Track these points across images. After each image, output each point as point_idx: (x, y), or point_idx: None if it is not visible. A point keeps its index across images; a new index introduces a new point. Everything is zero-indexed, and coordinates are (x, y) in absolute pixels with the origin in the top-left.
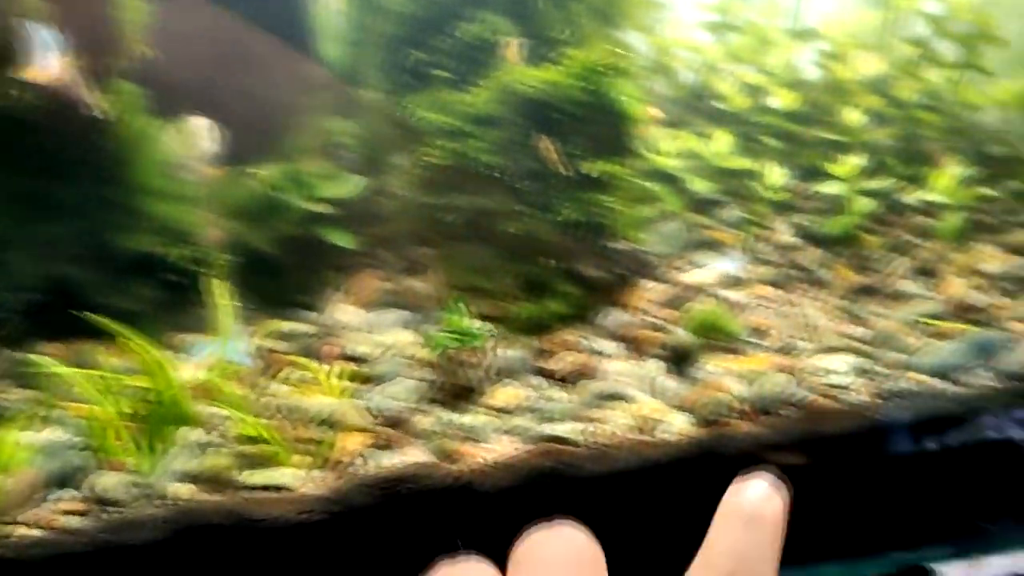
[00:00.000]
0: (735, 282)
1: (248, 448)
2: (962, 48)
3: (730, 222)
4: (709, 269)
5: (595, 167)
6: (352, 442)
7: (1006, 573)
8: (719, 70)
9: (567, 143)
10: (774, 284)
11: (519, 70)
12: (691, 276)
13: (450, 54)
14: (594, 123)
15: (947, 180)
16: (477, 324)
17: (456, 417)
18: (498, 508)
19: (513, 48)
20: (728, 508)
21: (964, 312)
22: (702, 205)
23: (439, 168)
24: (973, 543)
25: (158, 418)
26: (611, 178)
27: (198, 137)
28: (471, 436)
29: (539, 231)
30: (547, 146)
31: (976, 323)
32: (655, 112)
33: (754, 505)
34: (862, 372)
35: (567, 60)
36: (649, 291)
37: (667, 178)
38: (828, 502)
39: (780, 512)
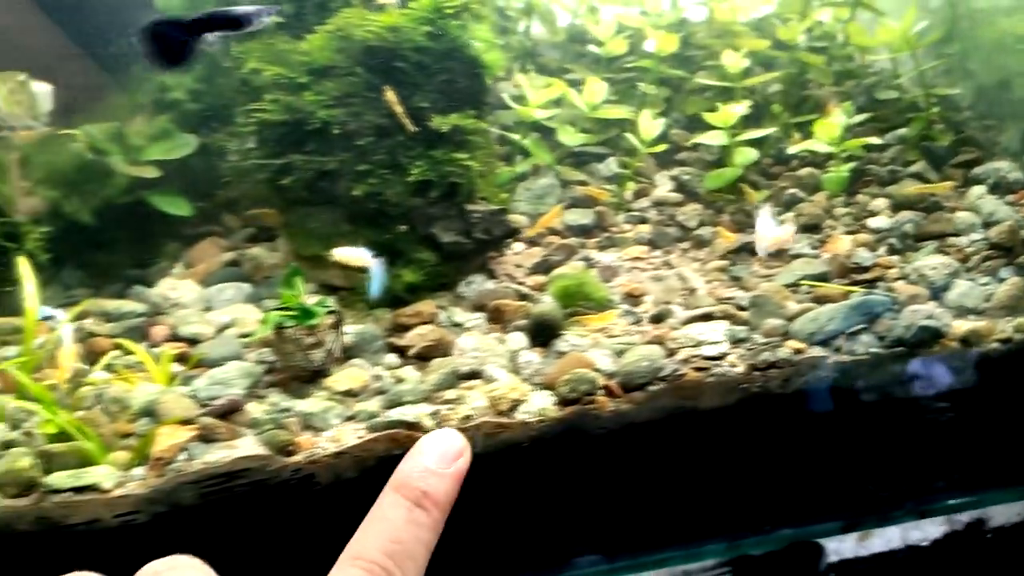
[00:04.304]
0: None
1: (57, 446)
2: None
3: (606, 176)
4: None
5: (447, 121)
6: (175, 435)
7: (896, 546)
8: (596, 11)
9: (415, 95)
10: (651, 244)
11: (357, 13)
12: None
13: None
14: (443, 72)
15: (834, 128)
16: (316, 299)
17: (295, 403)
18: (343, 501)
19: None
20: None
21: (849, 272)
22: (577, 158)
23: (273, 125)
24: (862, 516)
25: None
26: (465, 133)
27: (21, 96)
28: (311, 424)
29: (388, 193)
30: (392, 99)
31: (861, 284)
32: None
33: None
34: (738, 341)
35: (412, 2)
36: (518, 255)
37: (537, 130)
38: (706, 479)
39: None
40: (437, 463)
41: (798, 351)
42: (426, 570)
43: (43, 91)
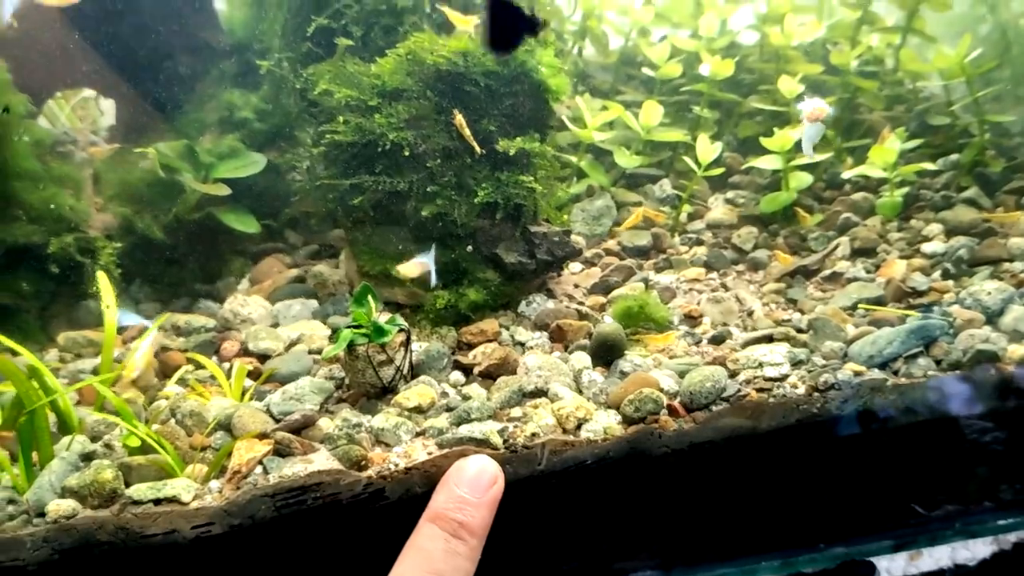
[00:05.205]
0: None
1: (136, 458)
2: (902, 11)
3: (659, 198)
4: None
5: (513, 144)
6: (251, 449)
7: (945, 565)
8: (649, 33)
9: (482, 118)
10: (707, 266)
11: (428, 38)
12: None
13: (356, 20)
14: (510, 96)
15: (890, 154)
16: (387, 316)
17: (366, 419)
18: (413, 515)
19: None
20: None
21: (904, 296)
22: (630, 180)
23: (344, 146)
24: (913, 535)
25: (33, 428)
26: (530, 156)
27: (85, 112)
28: (382, 439)
29: (454, 214)
30: (461, 122)
31: (917, 308)
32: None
33: None
34: (798, 362)
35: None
36: (576, 276)
37: (593, 152)
38: (763, 498)
39: None
40: (471, 492)
41: (858, 373)
42: None
43: (106, 107)
